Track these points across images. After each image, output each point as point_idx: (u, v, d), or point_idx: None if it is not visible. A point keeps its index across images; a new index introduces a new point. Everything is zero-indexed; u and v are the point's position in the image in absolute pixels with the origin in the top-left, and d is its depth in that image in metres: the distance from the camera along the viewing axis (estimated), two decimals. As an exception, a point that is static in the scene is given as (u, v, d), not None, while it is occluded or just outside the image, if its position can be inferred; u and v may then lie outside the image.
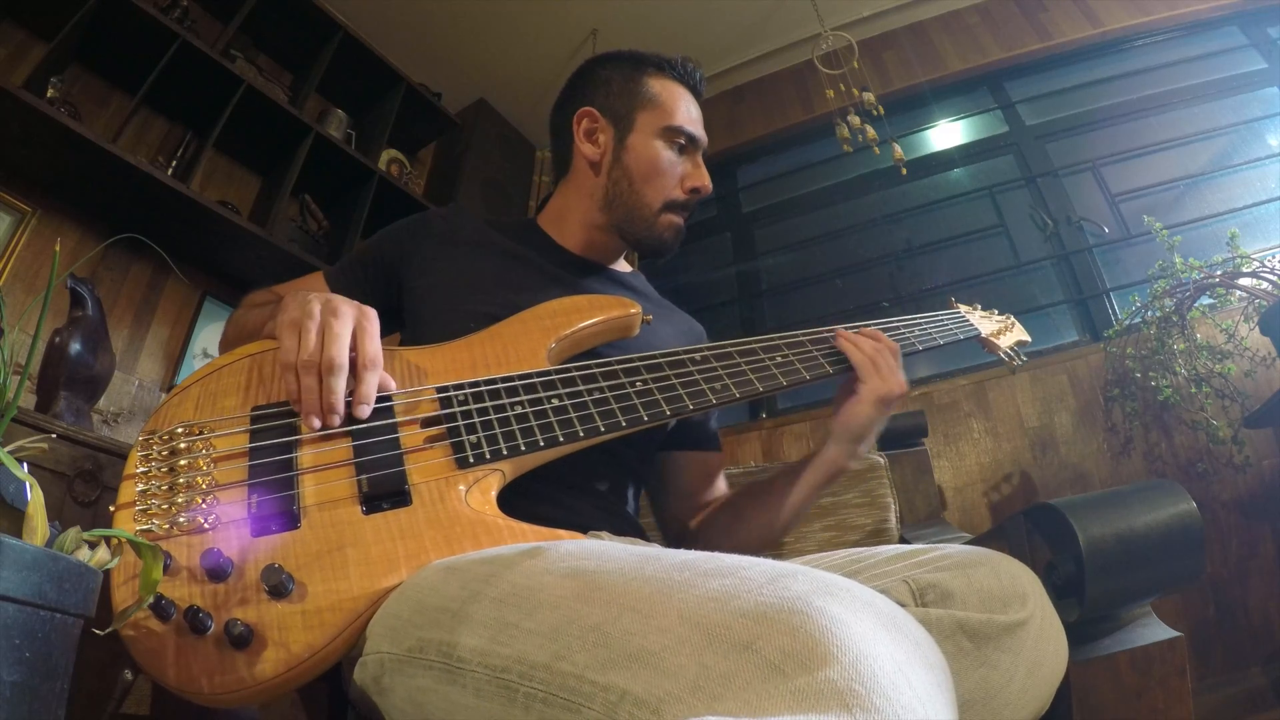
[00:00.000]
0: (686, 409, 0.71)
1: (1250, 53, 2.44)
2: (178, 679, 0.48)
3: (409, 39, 2.90)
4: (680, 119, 0.93)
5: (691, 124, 0.94)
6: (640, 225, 0.92)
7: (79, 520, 1.35)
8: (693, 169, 0.93)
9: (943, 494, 2.08)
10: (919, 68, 2.80)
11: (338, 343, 0.61)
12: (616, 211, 0.93)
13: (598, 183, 0.94)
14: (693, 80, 0.98)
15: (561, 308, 0.79)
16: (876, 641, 0.30)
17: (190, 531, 0.54)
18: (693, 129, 0.94)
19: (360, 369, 0.62)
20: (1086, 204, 2.40)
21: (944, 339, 0.97)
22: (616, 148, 0.93)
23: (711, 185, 0.94)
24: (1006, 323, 1.09)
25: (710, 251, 2.98)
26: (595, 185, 0.94)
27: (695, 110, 0.96)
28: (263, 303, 0.83)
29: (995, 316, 1.09)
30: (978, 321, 1.04)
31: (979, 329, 1.02)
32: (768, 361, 0.80)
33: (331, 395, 0.60)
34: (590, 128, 0.95)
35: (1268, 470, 1.80)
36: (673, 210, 0.92)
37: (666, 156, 0.92)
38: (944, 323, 1.00)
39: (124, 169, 1.89)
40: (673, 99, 0.94)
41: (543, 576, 0.42)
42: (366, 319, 0.65)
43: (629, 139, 0.93)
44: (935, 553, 0.58)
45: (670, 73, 0.96)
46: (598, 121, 0.95)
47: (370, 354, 0.63)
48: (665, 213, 0.92)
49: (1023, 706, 0.52)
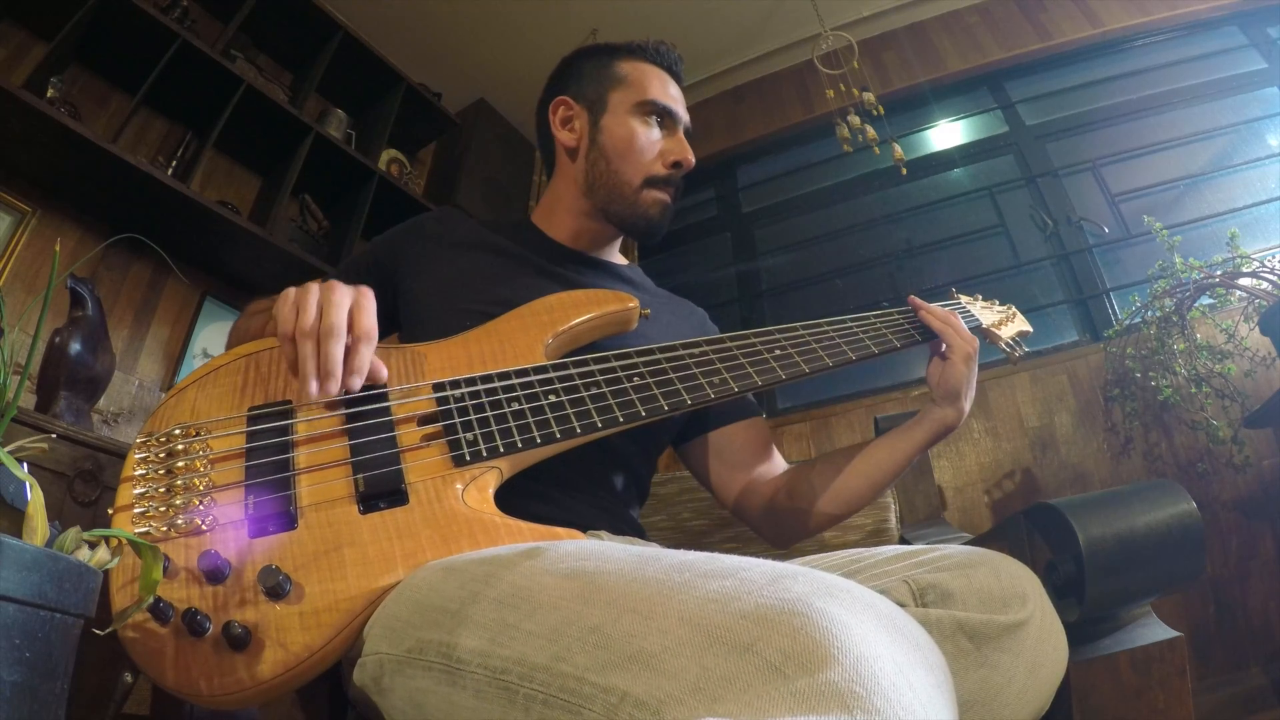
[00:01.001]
0: (685, 404, 0.71)
1: (1250, 53, 2.44)
2: (177, 681, 0.48)
3: (409, 39, 2.90)
4: (653, 93, 0.92)
5: (666, 99, 0.93)
6: (623, 204, 0.91)
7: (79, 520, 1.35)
8: (673, 144, 0.92)
9: (943, 494, 2.08)
10: (919, 68, 2.80)
11: (336, 310, 0.62)
12: (599, 194, 0.92)
13: (578, 168, 0.94)
14: (667, 60, 0.97)
15: (558, 303, 0.79)
16: (877, 643, 0.30)
17: (188, 533, 0.54)
18: (667, 103, 0.93)
19: (354, 340, 0.62)
20: (1086, 204, 2.40)
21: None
22: (592, 130, 0.93)
23: (693, 159, 0.93)
24: (1008, 313, 1.08)
25: (710, 251, 2.98)
26: (577, 171, 0.94)
27: (673, 88, 0.95)
28: (264, 309, 0.83)
29: (996, 307, 1.09)
30: (979, 312, 1.03)
31: (980, 319, 1.02)
32: (765, 355, 0.79)
33: (329, 360, 0.60)
34: (566, 115, 0.96)
35: (1268, 470, 1.80)
36: (655, 186, 0.91)
37: (642, 132, 0.91)
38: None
39: (124, 169, 1.89)
40: (645, 77, 0.94)
41: (542, 577, 0.42)
42: (363, 296, 0.65)
43: (602, 120, 0.93)
44: (935, 553, 0.58)
45: (642, 55, 0.96)
46: (572, 108, 0.95)
47: (365, 326, 0.63)
48: (647, 189, 0.91)
49: (1023, 707, 0.52)
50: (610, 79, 0.94)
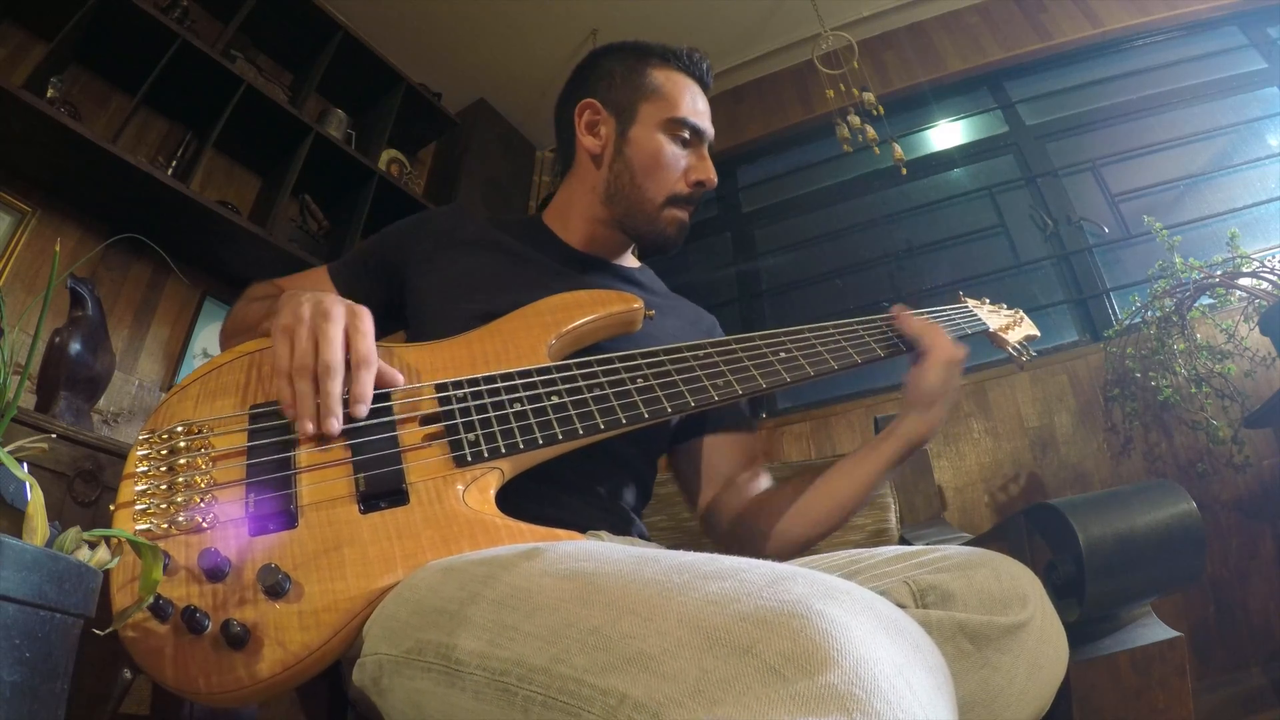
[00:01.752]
0: (689, 406, 0.71)
1: (1250, 53, 2.44)
2: (176, 678, 0.48)
3: (409, 39, 2.90)
4: (684, 110, 0.90)
5: (696, 116, 0.91)
6: (642, 220, 0.90)
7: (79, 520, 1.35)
8: (697, 161, 0.91)
9: (943, 494, 2.08)
10: (919, 68, 2.80)
11: (331, 346, 0.60)
12: (618, 205, 0.91)
13: (599, 176, 0.93)
14: (699, 71, 0.94)
15: (562, 303, 0.78)
16: (877, 645, 0.30)
17: (188, 531, 0.54)
18: (697, 121, 0.91)
19: (354, 368, 0.62)
20: (1086, 204, 2.40)
21: (952, 333, 0.95)
22: (618, 140, 0.91)
23: (716, 179, 0.92)
24: (1015, 317, 1.07)
25: (710, 251, 2.98)
26: (597, 179, 0.93)
27: (701, 102, 0.93)
28: (263, 295, 0.82)
29: (1004, 311, 1.08)
30: (986, 316, 1.02)
31: (987, 324, 1.01)
32: (770, 357, 0.78)
33: (328, 399, 0.60)
34: (592, 120, 0.94)
35: (1268, 470, 1.80)
36: (676, 205, 0.90)
37: (670, 149, 0.90)
38: (952, 317, 0.97)
39: (124, 169, 1.89)
40: (677, 90, 0.91)
41: (541, 578, 0.42)
42: (359, 318, 0.64)
43: (631, 131, 0.91)
44: (935, 554, 0.58)
45: (675, 64, 0.93)
46: (599, 114, 0.93)
47: (363, 353, 0.62)
48: (668, 207, 0.90)
49: (1023, 708, 0.52)
50: (641, 88, 0.92)
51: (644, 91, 0.92)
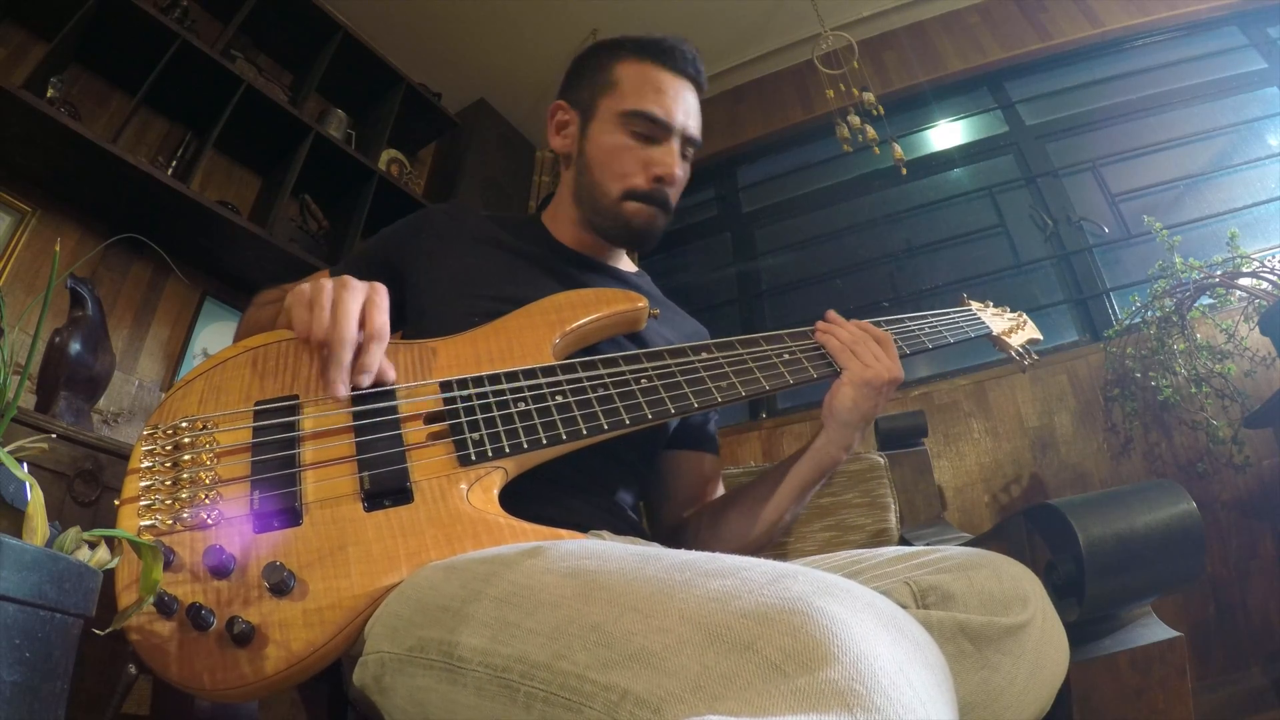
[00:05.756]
0: (691, 407, 0.71)
1: (1250, 53, 2.44)
2: (180, 675, 0.48)
3: (409, 39, 2.89)
4: (640, 102, 0.86)
5: (656, 106, 0.86)
6: (604, 217, 0.88)
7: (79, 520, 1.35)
8: (659, 154, 0.87)
9: (943, 494, 2.08)
10: (919, 68, 2.80)
11: (348, 317, 0.62)
12: (584, 204, 0.90)
13: (569, 176, 0.93)
14: (674, 61, 0.90)
15: (567, 301, 0.78)
16: (877, 641, 0.30)
17: (193, 527, 0.54)
18: (654, 111, 0.86)
19: (366, 339, 0.63)
20: (1086, 204, 2.41)
21: (954, 337, 0.95)
22: (580, 138, 0.91)
23: (678, 171, 0.88)
24: (1018, 320, 1.07)
25: (710, 251, 2.98)
26: (569, 179, 0.93)
27: (672, 93, 0.88)
28: (272, 300, 0.83)
29: (1007, 314, 1.08)
30: (989, 319, 1.02)
31: (990, 327, 1.00)
32: (775, 359, 0.79)
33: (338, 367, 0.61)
34: (562, 120, 0.94)
35: (1268, 470, 1.80)
36: (636, 199, 0.87)
37: (623, 142, 0.86)
38: (955, 320, 0.98)
39: (124, 169, 1.89)
40: (636, 82, 0.88)
41: (543, 576, 0.42)
42: (377, 294, 0.66)
43: (590, 127, 0.90)
44: (936, 554, 0.58)
45: (647, 55, 0.90)
46: (568, 114, 0.93)
47: (377, 326, 0.64)
48: (626, 201, 0.87)
49: (1024, 708, 0.52)
50: (603, 84, 0.90)
51: (605, 86, 0.90)
